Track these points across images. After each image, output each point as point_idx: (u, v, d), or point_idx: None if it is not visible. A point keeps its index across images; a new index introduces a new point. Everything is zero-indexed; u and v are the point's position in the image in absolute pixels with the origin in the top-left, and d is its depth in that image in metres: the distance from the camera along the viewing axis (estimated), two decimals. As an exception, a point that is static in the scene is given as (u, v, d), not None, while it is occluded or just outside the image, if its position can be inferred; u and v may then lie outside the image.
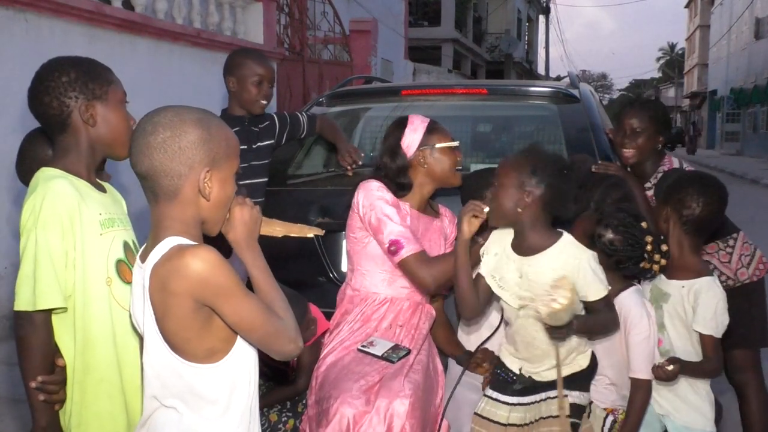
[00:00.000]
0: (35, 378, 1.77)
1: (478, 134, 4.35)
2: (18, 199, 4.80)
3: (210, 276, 1.46)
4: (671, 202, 2.46)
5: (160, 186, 1.54)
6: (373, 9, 13.23)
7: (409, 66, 16.16)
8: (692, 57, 50.09)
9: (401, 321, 2.58)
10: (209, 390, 1.56)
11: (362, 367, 2.41)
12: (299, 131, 3.32)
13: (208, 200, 1.56)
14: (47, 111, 1.89)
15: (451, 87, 4.30)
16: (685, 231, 2.44)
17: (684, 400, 2.47)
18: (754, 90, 28.87)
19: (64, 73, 1.90)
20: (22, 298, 1.77)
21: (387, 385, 2.33)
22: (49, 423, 1.81)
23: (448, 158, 2.60)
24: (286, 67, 8.60)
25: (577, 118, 3.40)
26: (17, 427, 3.50)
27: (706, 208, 2.44)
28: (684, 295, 2.42)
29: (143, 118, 1.59)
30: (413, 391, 2.32)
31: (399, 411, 2.25)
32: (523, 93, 4.07)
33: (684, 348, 2.45)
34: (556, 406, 2.20)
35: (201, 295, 1.47)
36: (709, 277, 2.42)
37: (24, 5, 4.72)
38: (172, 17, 6.44)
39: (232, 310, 1.50)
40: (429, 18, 23.97)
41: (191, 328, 1.50)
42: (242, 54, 3.17)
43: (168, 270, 1.47)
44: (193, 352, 1.53)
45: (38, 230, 1.76)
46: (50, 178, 1.84)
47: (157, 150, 1.52)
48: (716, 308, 2.37)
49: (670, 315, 2.48)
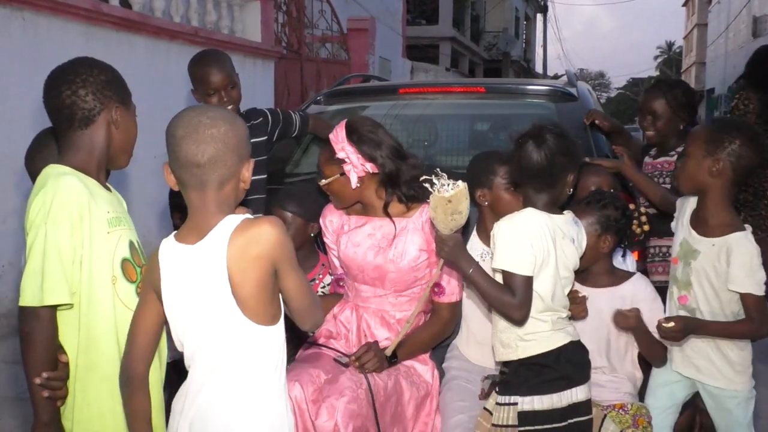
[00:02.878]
0: (39, 374, 1.76)
1: (475, 133, 4.36)
2: (17, 199, 4.80)
3: (285, 240, 1.69)
4: (723, 153, 2.28)
5: (215, 174, 1.69)
6: (371, 7, 13.22)
7: (406, 64, 16.15)
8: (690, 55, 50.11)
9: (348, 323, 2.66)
10: (272, 351, 1.75)
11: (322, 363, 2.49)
12: (291, 130, 3.31)
13: (246, 186, 1.77)
14: (76, 103, 1.88)
15: (449, 85, 4.31)
16: (734, 183, 2.32)
17: (712, 363, 2.37)
18: (751, 89, 28.85)
19: (103, 72, 1.94)
20: (29, 294, 1.76)
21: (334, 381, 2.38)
22: (51, 419, 1.81)
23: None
24: (284, 66, 8.60)
25: (575, 117, 3.40)
26: (16, 425, 3.50)
27: (761, 157, 2.32)
28: (715, 252, 2.30)
29: (188, 114, 1.72)
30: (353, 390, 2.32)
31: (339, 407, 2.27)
32: (520, 91, 4.07)
33: (710, 309, 2.33)
34: (510, 414, 2.18)
35: (278, 257, 1.67)
36: (741, 232, 2.28)
37: (21, 3, 4.72)
38: (170, 15, 6.43)
39: (294, 276, 1.72)
40: (427, 16, 23.96)
41: (267, 290, 1.69)
42: (194, 64, 2.97)
43: (248, 238, 1.66)
44: (264, 315, 1.71)
45: (48, 226, 1.76)
46: (60, 175, 1.84)
47: (220, 141, 1.68)
48: (751, 264, 2.25)
49: (697, 273, 2.36)
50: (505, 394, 2.23)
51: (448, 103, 4.03)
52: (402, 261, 2.56)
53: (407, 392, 2.50)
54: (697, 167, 2.33)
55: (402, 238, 2.57)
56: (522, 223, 2.17)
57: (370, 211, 2.66)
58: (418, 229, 2.58)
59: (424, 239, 2.57)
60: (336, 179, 2.59)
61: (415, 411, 2.53)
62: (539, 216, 2.18)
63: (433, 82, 6.50)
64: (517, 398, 2.18)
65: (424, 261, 2.58)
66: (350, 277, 2.69)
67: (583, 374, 2.24)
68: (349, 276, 2.69)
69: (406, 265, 2.56)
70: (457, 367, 2.68)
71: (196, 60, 3.00)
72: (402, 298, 2.62)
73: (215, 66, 2.94)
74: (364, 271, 2.61)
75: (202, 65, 2.96)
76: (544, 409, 2.15)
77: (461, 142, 4.18)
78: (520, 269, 2.12)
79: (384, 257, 2.57)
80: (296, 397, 2.27)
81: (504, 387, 2.24)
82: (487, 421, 2.30)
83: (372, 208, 2.65)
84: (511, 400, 2.19)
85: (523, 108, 4.06)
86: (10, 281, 4.80)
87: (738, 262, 2.25)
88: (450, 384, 2.60)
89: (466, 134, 4.29)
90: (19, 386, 3.77)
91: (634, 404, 2.46)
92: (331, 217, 2.76)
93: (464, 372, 2.64)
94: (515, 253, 2.13)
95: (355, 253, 2.61)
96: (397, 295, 2.62)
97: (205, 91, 2.95)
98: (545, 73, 35.51)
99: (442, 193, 2.14)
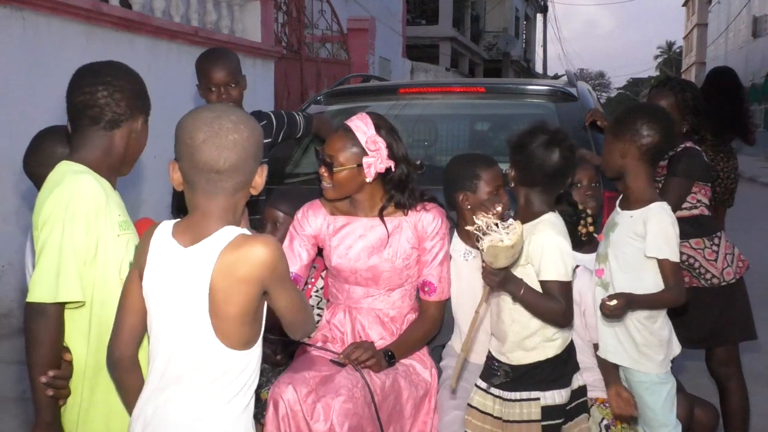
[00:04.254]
0: (44, 372, 1.74)
1: (476, 133, 4.36)
2: (17, 199, 4.80)
3: (278, 263, 1.60)
4: (626, 136, 2.40)
5: (232, 181, 1.61)
6: (371, 7, 13.22)
7: (406, 64, 16.16)
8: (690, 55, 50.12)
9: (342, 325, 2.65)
10: (242, 374, 1.65)
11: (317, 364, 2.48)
12: (296, 131, 3.32)
13: (256, 193, 1.70)
14: (109, 105, 1.89)
15: (449, 85, 4.30)
16: (644, 161, 2.40)
17: (619, 341, 2.41)
18: (751, 89, 28.88)
19: (138, 82, 1.97)
20: (41, 290, 1.74)
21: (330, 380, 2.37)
22: (54, 419, 1.80)
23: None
24: (284, 66, 8.60)
25: (575, 117, 3.41)
26: (17, 426, 3.50)
27: (661, 134, 2.40)
28: (633, 222, 2.38)
29: (207, 115, 1.61)
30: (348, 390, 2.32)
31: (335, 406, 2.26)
32: (521, 91, 4.08)
33: (621, 285, 2.37)
34: (536, 409, 2.22)
35: (268, 279, 1.59)
36: (658, 203, 2.38)
37: (21, 3, 4.72)
38: (170, 15, 6.44)
39: (285, 294, 1.65)
40: (427, 16, 23.96)
41: (249, 314, 1.61)
42: (200, 59, 3.05)
43: (238, 257, 1.57)
44: (239, 339, 1.62)
45: (65, 222, 1.75)
46: (78, 173, 1.83)
47: (242, 147, 1.60)
48: (666, 232, 2.32)
49: (614, 245, 2.43)
50: (516, 390, 2.26)
51: (448, 103, 4.03)
52: (397, 259, 2.57)
53: (406, 391, 2.50)
54: (610, 152, 2.46)
55: (396, 237, 2.57)
56: (564, 232, 2.25)
57: (359, 210, 2.62)
58: (410, 227, 2.59)
59: (416, 236, 2.59)
60: (351, 169, 2.51)
61: (414, 410, 2.53)
62: (561, 219, 2.28)
63: (433, 82, 6.50)
64: (538, 393, 2.23)
65: (415, 257, 2.60)
66: (340, 280, 2.66)
67: (576, 359, 2.36)
68: (339, 278, 2.66)
69: (401, 263, 2.57)
70: (453, 365, 2.67)
71: (203, 55, 3.08)
72: (394, 295, 2.63)
73: (218, 63, 2.99)
74: (357, 272, 2.60)
75: (207, 61, 3.02)
76: (564, 402, 2.25)
77: (461, 142, 4.18)
78: (567, 276, 2.21)
79: (379, 257, 2.57)
80: (288, 399, 2.26)
81: (514, 384, 2.27)
82: (477, 419, 2.32)
83: (362, 207, 2.61)
84: (532, 396, 2.24)
85: (523, 108, 4.06)
86: (10, 281, 4.80)
87: (655, 230, 2.32)
88: (446, 383, 2.60)
89: (466, 134, 4.30)
90: (20, 387, 3.79)
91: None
92: (314, 215, 2.66)
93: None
94: (564, 262, 2.20)
95: (347, 255, 2.59)
96: (390, 293, 2.62)
97: (206, 86, 3.01)
98: (545, 73, 35.51)
99: (504, 243, 2.07)
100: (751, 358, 4.22)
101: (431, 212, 2.61)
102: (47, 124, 2.43)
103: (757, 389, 3.76)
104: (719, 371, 3.17)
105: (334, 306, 2.71)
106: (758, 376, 4.14)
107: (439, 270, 2.61)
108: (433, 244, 2.61)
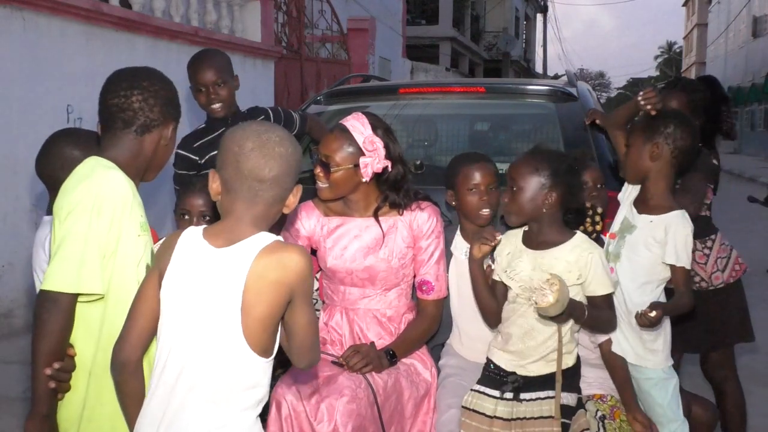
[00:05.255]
0: (49, 363, 1.73)
1: (475, 133, 4.36)
2: (17, 199, 4.80)
3: (309, 274, 1.64)
4: (659, 139, 2.44)
5: (272, 192, 1.67)
6: (371, 7, 13.23)
7: (406, 64, 16.17)
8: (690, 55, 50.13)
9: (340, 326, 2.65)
10: (258, 387, 1.67)
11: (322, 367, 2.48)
12: (292, 128, 3.32)
13: (288, 212, 1.75)
14: (143, 109, 1.91)
15: (449, 85, 4.30)
16: (672, 165, 2.46)
17: (625, 338, 2.45)
18: (751, 88, 28.91)
19: (172, 89, 1.99)
20: (61, 279, 1.73)
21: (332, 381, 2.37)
22: (50, 412, 1.79)
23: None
24: (284, 66, 8.61)
25: (575, 117, 3.41)
26: (17, 425, 3.50)
27: (692, 139, 2.47)
28: (652, 227, 2.42)
29: (255, 129, 1.68)
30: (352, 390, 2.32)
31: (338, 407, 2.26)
32: (521, 91, 4.07)
33: (629, 285, 2.44)
34: (549, 406, 2.24)
35: (298, 287, 1.62)
36: (679, 211, 2.42)
37: (21, 3, 4.72)
38: (170, 15, 6.44)
39: (306, 310, 1.67)
40: (427, 16, 23.97)
41: (275, 319, 1.64)
42: (188, 63, 3.04)
43: (273, 261, 1.61)
44: (262, 344, 1.64)
45: (92, 214, 1.75)
46: (109, 168, 1.84)
47: (285, 161, 1.67)
48: (687, 242, 2.38)
49: (629, 246, 2.47)
50: (530, 391, 2.29)
51: (448, 103, 4.03)
52: (393, 259, 2.57)
53: (407, 391, 2.50)
54: (638, 155, 2.49)
55: (392, 236, 2.57)
56: (596, 244, 2.36)
57: (354, 211, 2.61)
58: (406, 226, 2.59)
59: (411, 236, 2.59)
60: (347, 169, 2.51)
61: (414, 410, 2.54)
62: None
63: (433, 82, 6.49)
64: (554, 392, 2.28)
65: (411, 256, 2.61)
66: (336, 281, 2.65)
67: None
68: (335, 280, 2.65)
69: (397, 263, 2.57)
70: (452, 365, 2.69)
71: (192, 57, 3.07)
72: (391, 295, 2.63)
73: (204, 63, 2.99)
74: (353, 273, 2.59)
75: (194, 62, 3.02)
76: (574, 405, 2.31)
77: (461, 142, 4.18)
78: (613, 287, 2.33)
79: (375, 257, 2.56)
80: (291, 400, 2.26)
81: (527, 386, 2.30)
82: (473, 420, 2.32)
83: (357, 207, 2.60)
84: (549, 394, 2.28)
85: (523, 108, 4.06)
86: (10, 281, 4.80)
87: (676, 238, 2.37)
88: (444, 382, 2.61)
89: (466, 134, 4.29)
90: (21, 387, 3.79)
91: (613, 397, 2.48)
92: (307, 216, 2.65)
93: (459, 369, 2.65)
94: (608, 275, 2.32)
95: (343, 256, 2.58)
96: (386, 293, 2.62)
97: (194, 87, 3.01)
98: (545, 73, 35.51)
99: (548, 300, 2.08)
100: (750, 358, 4.23)
101: (426, 211, 2.61)
102: (47, 124, 2.44)
103: (756, 389, 3.76)
104: (714, 374, 3.16)
105: (330, 308, 2.70)
106: (757, 376, 4.14)
107: (436, 268, 2.62)
108: (429, 242, 2.61)
